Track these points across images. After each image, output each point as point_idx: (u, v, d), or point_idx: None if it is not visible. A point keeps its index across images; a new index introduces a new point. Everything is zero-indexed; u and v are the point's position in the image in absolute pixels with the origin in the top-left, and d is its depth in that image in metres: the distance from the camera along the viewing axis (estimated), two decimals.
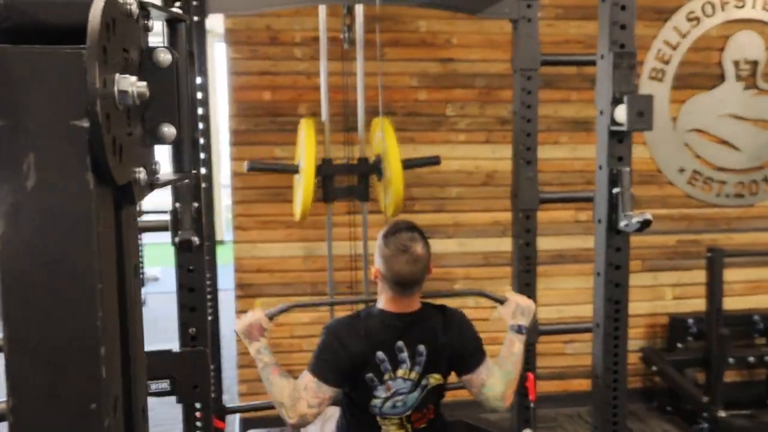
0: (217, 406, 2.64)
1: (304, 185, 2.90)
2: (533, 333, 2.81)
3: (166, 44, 0.87)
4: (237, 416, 3.77)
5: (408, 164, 3.02)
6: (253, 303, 3.78)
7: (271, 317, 2.19)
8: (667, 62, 4.04)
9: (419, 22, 3.78)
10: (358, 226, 3.26)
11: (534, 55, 2.67)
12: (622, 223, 2.04)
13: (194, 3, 2.23)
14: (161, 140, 0.82)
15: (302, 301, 3.40)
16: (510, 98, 3.71)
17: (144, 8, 0.79)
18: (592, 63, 2.30)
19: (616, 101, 2.01)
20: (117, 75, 0.67)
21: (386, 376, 2.10)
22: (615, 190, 2.06)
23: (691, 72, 4.07)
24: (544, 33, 2.98)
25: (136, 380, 0.81)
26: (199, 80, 2.55)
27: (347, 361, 2.09)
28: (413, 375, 2.12)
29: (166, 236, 2.01)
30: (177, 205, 1.84)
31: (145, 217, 2.43)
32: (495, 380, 2.15)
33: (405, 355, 2.10)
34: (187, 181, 1.86)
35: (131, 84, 0.68)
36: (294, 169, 3.06)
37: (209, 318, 2.57)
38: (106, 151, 0.64)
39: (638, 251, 4.14)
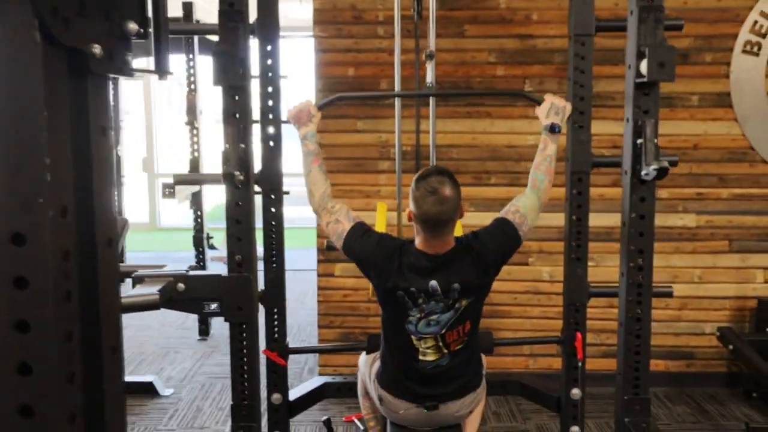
0: (281, 346, 2.90)
1: None
2: (584, 294, 2.86)
3: None
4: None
5: None
6: (334, 268, 4.04)
7: (319, 107, 2.47)
8: (763, 35, 3.91)
9: None
10: None
11: (588, 21, 2.73)
12: (642, 172, 2.09)
13: None
14: (126, 34, 1.05)
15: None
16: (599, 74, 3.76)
17: None
18: None
19: (641, 55, 2.07)
20: None
21: (420, 301, 2.26)
22: (639, 141, 2.11)
23: None
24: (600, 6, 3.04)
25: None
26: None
27: (372, 262, 2.31)
28: (446, 300, 2.27)
29: (299, 221, 2.32)
30: (226, 145, 2.10)
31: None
32: (529, 211, 2.38)
33: (439, 292, 2.26)
34: (239, 125, 2.12)
35: None
36: None
37: (274, 266, 2.85)
38: (43, 13, 0.85)
39: (725, 231, 4.05)
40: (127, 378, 4.14)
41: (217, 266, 6.51)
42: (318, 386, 3.23)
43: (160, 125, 9.77)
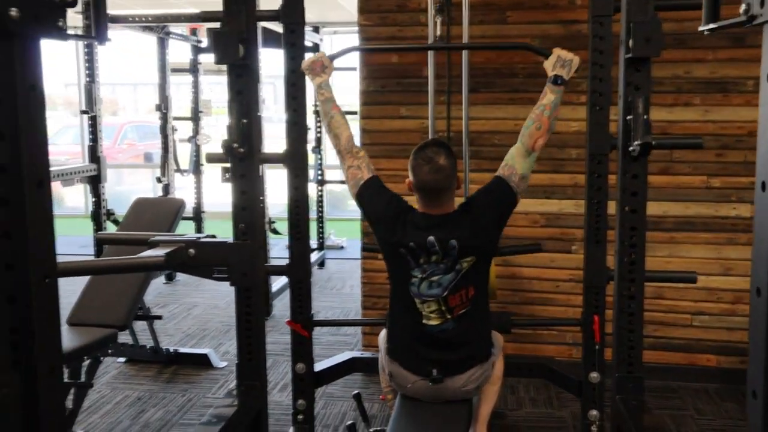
0: (305, 318, 3.04)
1: None
2: (603, 278, 2.85)
3: None
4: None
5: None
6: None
7: (332, 58, 2.65)
8: None
9: None
10: None
11: (607, 2, 2.71)
12: (630, 148, 2.08)
13: None
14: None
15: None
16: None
17: None
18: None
19: (629, 30, 2.07)
20: None
21: (421, 260, 2.35)
22: (628, 117, 2.11)
23: None
24: None
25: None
26: None
27: (380, 214, 2.45)
28: (446, 261, 2.34)
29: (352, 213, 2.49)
30: (230, 120, 2.26)
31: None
32: (518, 161, 2.41)
33: (436, 248, 2.34)
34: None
35: None
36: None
37: (298, 241, 2.99)
38: None
39: None
40: (186, 350, 4.42)
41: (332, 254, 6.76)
42: (346, 360, 3.36)
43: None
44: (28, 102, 1.17)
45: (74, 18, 5.07)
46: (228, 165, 4.37)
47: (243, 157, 2.26)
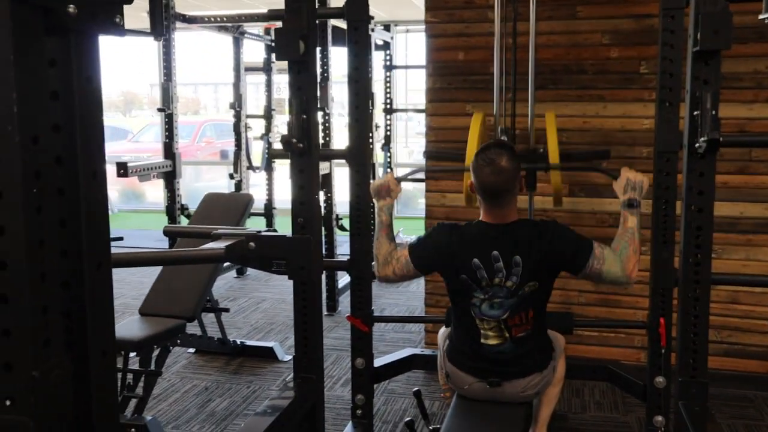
0: (364, 313, 3.07)
1: (465, 179, 3.07)
2: (671, 279, 2.76)
3: None
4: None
5: (570, 159, 3.15)
6: None
7: (399, 180, 2.61)
8: None
9: None
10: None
11: None
12: (696, 145, 2.01)
13: None
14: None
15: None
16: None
17: None
18: None
19: (698, 23, 1.99)
20: None
21: (483, 283, 2.34)
22: (695, 113, 2.03)
23: None
24: None
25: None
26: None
27: (442, 256, 2.41)
28: (509, 284, 2.32)
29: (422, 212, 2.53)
30: (290, 115, 2.30)
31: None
32: (610, 265, 2.28)
33: (501, 264, 2.31)
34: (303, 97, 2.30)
35: None
36: (462, 159, 3.12)
37: (359, 236, 3.01)
38: None
39: None
40: (253, 343, 4.52)
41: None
42: (406, 357, 3.37)
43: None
44: (84, 97, 1.22)
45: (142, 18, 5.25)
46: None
47: (302, 152, 2.28)
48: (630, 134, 3.81)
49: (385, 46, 6.79)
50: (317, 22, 3.31)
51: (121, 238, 3.07)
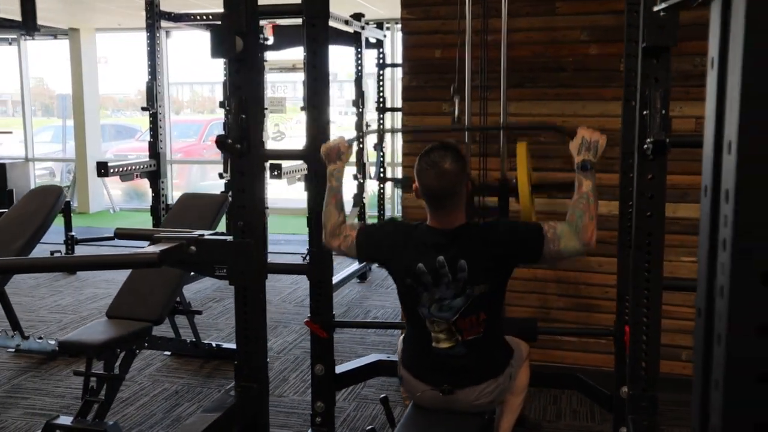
0: (324, 319, 2.99)
1: None
2: None
3: None
4: None
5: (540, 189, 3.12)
6: None
7: (350, 143, 2.52)
8: None
9: None
10: None
11: None
12: (644, 146, 1.91)
13: None
14: None
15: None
16: (695, 50, 3.46)
17: None
18: None
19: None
20: None
21: (429, 287, 2.25)
22: (645, 113, 1.93)
23: None
24: None
25: None
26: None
27: (384, 253, 2.37)
28: (455, 287, 2.23)
29: None
30: (228, 116, 2.22)
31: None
32: (567, 241, 2.18)
33: (446, 270, 2.23)
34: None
35: None
36: None
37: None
38: None
39: None
40: (229, 345, 4.45)
41: None
42: (371, 362, 3.28)
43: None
44: None
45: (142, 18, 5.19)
46: (276, 162, 4.38)
47: (240, 153, 2.21)
48: (609, 134, 3.68)
49: (378, 44, 6.71)
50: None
51: (112, 238, 2.99)
